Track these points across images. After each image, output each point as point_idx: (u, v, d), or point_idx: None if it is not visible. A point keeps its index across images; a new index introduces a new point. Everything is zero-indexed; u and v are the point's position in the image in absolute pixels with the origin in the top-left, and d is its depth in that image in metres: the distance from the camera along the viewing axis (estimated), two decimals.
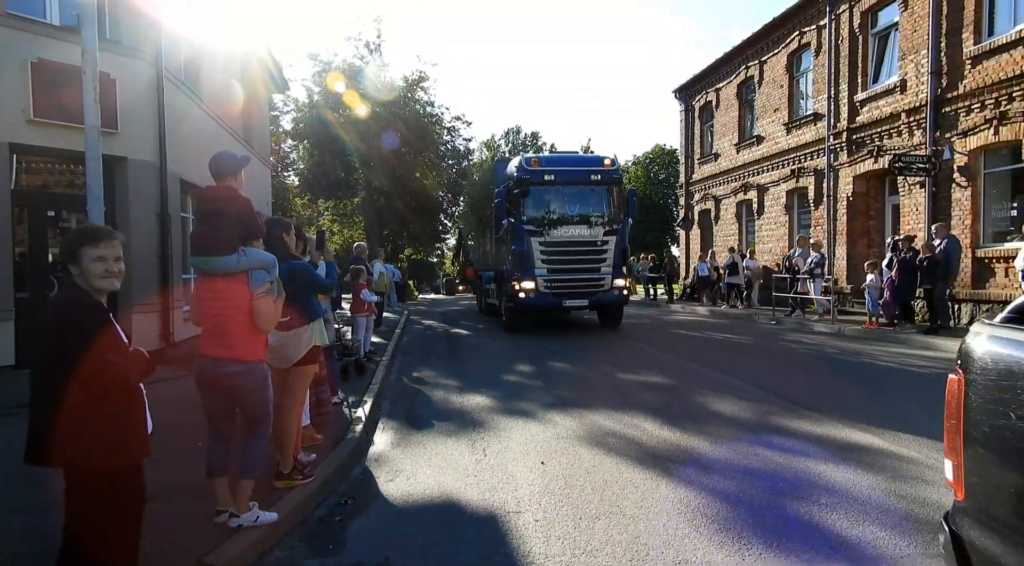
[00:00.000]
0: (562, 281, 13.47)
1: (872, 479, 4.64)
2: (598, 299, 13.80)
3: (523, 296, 13.37)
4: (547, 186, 13.64)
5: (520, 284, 13.30)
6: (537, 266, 13.33)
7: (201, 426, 5.36)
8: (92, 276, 2.65)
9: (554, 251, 13.42)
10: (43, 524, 3.84)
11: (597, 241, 13.62)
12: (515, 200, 13.62)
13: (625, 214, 14.03)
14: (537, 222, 13.39)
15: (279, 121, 30.70)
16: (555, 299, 13.50)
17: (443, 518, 4.20)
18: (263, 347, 3.95)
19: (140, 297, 9.56)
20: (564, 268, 13.49)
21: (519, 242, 13.46)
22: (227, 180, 3.86)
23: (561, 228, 13.46)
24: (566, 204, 13.74)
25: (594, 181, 13.83)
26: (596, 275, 13.68)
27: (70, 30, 7.83)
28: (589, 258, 13.62)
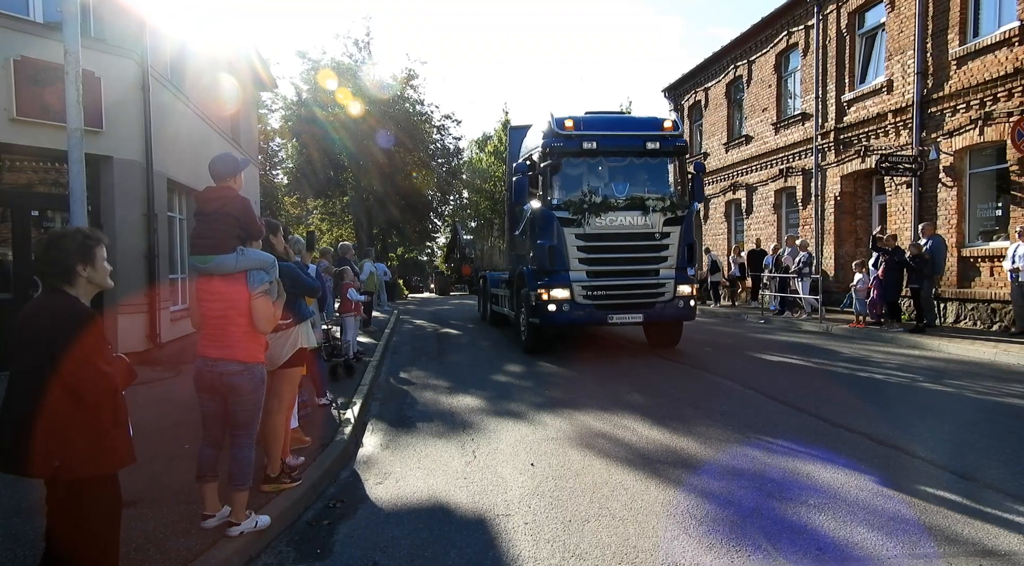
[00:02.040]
0: (608, 288, 9.94)
1: (860, 479, 4.67)
2: (657, 313, 10.16)
3: (553, 309, 9.77)
4: (586, 158, 10.13)
5: (549, 292, 9.76)
6: (573, 267, 9.83)
7: (188, 428, 5.34)
8: (104, 275, 2.74)
9: (596, 247, 9.92)
10: (21, 531, 3.80)
11: (655, 233, 10.04)
12: (541, 177, 10.18)
13: (691, 196, 10.64)
14: (572, 207, 9.83)
15: (267, 119, 30.51)
16: (597, 313, 9.93)
17: (432, 521, 4.18)
18: (262, 349, 3.93)
19: (126, 297, 9.46)
20: (610, 270, 10.01)
21: (547, 234, 9.97)
22: (227, 181, 3.87)
23: (606, 215, 9.87)
24: (612, 182, 10.26)
25: (651, 151, 10.24)
26: (654, 280, 10.06)
27: (53, 27, 7.74)
28: (644, 256, 10.09)
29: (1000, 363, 9.32)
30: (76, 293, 2.65)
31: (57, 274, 2.63)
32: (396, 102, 29.43)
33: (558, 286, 9.82)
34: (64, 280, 2.63)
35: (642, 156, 10.33)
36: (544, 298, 9.82)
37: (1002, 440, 5.65)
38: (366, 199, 31.05)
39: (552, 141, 10.06)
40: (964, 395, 7.37)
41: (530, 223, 10.69)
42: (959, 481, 4.64)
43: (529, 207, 10.63)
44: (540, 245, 10.06)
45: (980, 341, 10.62)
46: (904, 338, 11.60)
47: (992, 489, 4.45)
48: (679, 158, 10.57)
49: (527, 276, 10.56)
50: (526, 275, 10.64)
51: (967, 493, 4.41)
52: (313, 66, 28.65)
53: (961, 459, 5.12)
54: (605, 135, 10.17)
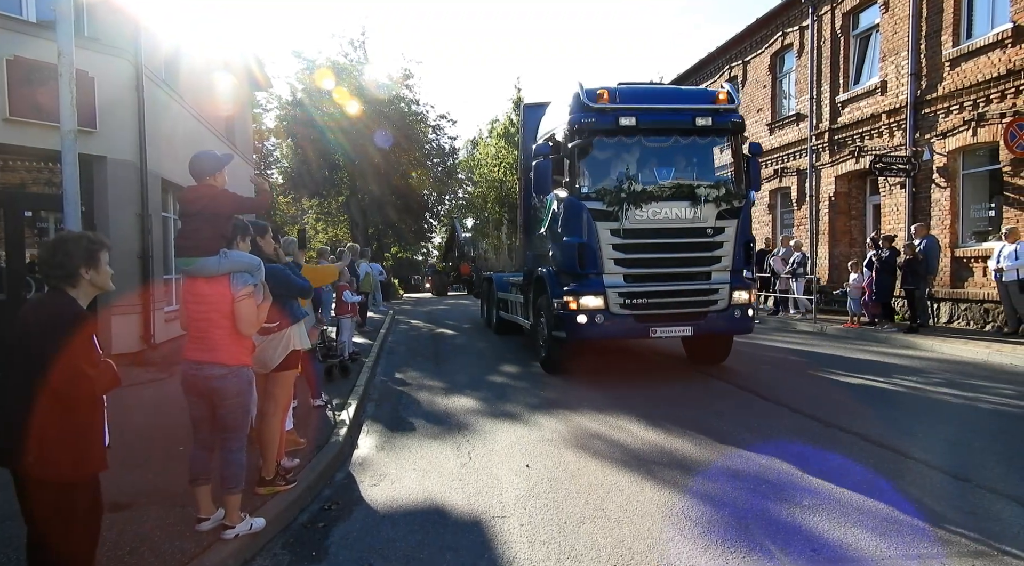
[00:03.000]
0: (650, 295, 8.24)
1: (854, 480, 4.68)
2: (709, 325, 8.48)
3: (583, 321, 8.09)
4: (623, 137, 8.45)
5: (578, 301, 8.11)
6: (607, 270, 8.17)
7: (182, 430, 5.32)
8: (105, 278, 2.83)
9: (636, 245, 8.23)
10: (13, 534, 3.78)
11: (707, 228, 8.33)
12: (568, 161, 8.47)
13: (747, 184, 8.80)
14: (607, 197, 8.10)
15: (262, 119, 30.44)
16: (637, 325, 8.24)
17: (428, 523, 4.18)
18: (249, 351, 3.91)
19: (120, 298, 9.42)
20: (653, 274, 8.33)
21: (575, 229, 8.30)
22: (206, 179, 3.84)
23: (648, 207, 8.13)
24: (654, 167, 8.65)
25: (701, 129, 8.52)
26: (705, 285, 8.41)
27: (47, 27, 7.70)
28: (694, 256, 8.41)
29: (993, 363, 9.37)
30: (77, 294, 2.74)
31: (61, 276, 2.71)
32: (391, 102, 29.38)
33: (589, 293, 8.12)
34: (67, 282, 2.71)
35: (689, 135, 8.57)
36: (572, 307, 8.14)
37: (996, 440, 5.68)
38: (361, 199, 31.01)
39: (582, 117, 8.29)
40: (958, 395, 7.41)
41: (553, 216, 8.99)
42: (953, 481, 4.67)
43: (552, 197, 8.93)
44: (567, 243, 8.37)
45: (973, 341, 10.67)
46: (898, 338, 11.65)
47: (986, 489, 4.47)
48: (734, 137, 8.83)
49: (549, 280, 8.86)
50: (547, 279, 8.93)
51: (961, 493, 4.44)
52: (308, 66, 28.58)
53: (955, 459, 5.14)
54: (646, 109, 8.38)
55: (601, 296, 8.14)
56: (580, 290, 8.18)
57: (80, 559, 2.74)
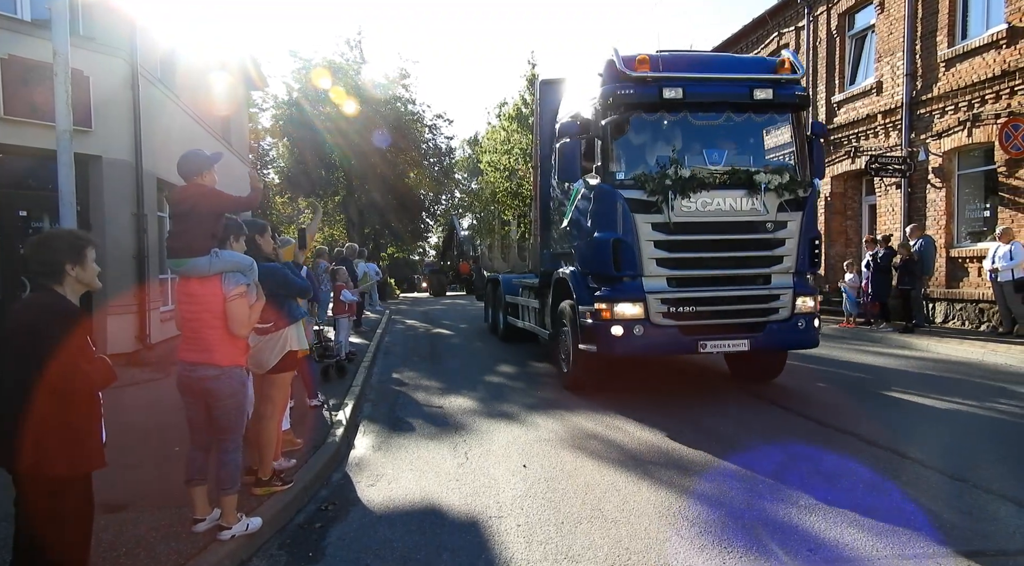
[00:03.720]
0: (699, 302, 7.03)
1: (850, 480, 4.70)
2: (768, 338, 7.14)
3: (618, 332, 6.83)
4: (666, 112, 7.16)
5: (613, 308, 6.88)
6: (648, 272, 6.92)
7: (178, 430, 5.30)
8: (92, 276, 2.81)
9: (683, 242, 6.98)
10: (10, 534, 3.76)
11: (767, 222, 7.08)
12: (600, 142, 7.18)
13: (811, 169, 7.47)
14: (649, 184, 6.84)
15: (259, 118, 30.38)
16: (683, 338, 6.93)
17: (424, 523, 4.18)
18: (242, 352, 3.90)
19: (116, 298, 9.39)
20: (703, 277, 7.08)
21: (608, 223, 7.05)
22: (195, 179, 3.82)
23: (697, 196, 6.87)
24: (703, 148, 7.27)
25: (760, 103, 7.16)
26: (765, 289, 7.15)
27: (42, 26, 7.66)
28: (752, 256, 7.13)
29: (988, 363, 9.40)
30: (64, 292, 2.72)
31: (47, 273, 2.69)
32: (388, 101, 29.36)
33: (626, 299, 6.86)
34: (53, 279, 2.69)
35: (745, 110, 7.22)
36: (605, 316, 6.88)
37: (992, 440, 5.71)
38: (358, 199, 30.98)
39: (618, 87, 6.99)
40: (953, 395, 7.43)
41: (580, 208, 7.70)
42: (949, 481, 4.68)
43: (580, 185, 7.58)
44: (598, 240, 7.08)
45: (968, 341, 10.71)
46: (893, 338, 11.68)
47: (982, 489, 4.49)
48: (797, 114, 7.49)
49: (574, 284, 7.60)
50: (573, 282, 7.66)
51: (957, 493, 4.45)
52: (305, 65, 28.54)
53: (951, 459, 5.16)
54: (695, 78, 7.06)
55: (640, 303, 6.86)
56: (615, 296, 6.92)
57: (73, 559, 2.73)
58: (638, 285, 6.95)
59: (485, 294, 15.41)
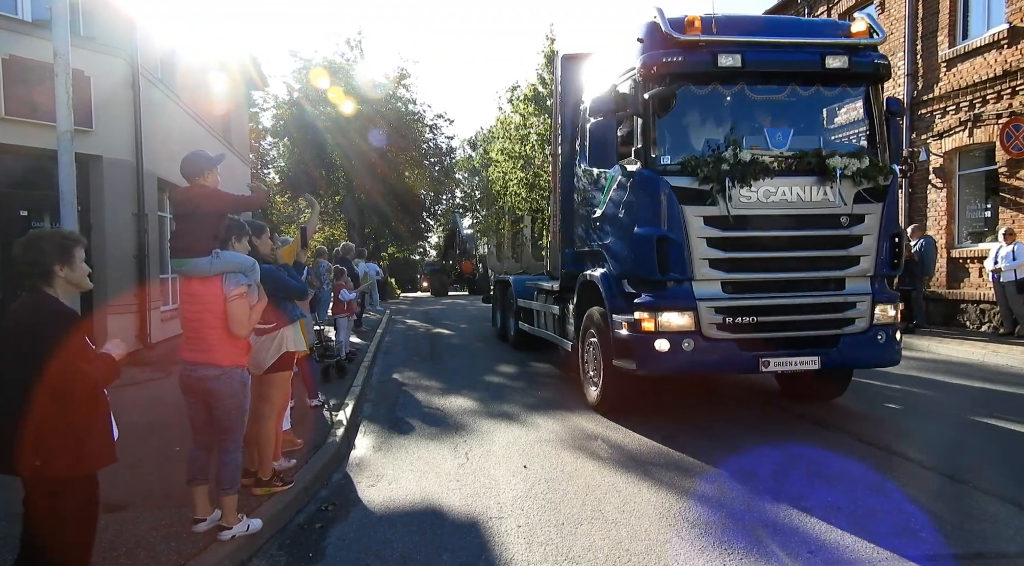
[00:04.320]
0: (761, 310, 5.99)
1: (849, 481, 4.69)
2: (843, 354, 6.09)
3: (663, 347, 5.81)
4: (721, 84, 6.19)
5: (656, 318, 5.87)
6: (699, 275, 5.90)
7: (178, 430, 5.31)
8: (82, 276, 2.77)
9: (742, 240, 6.00)
10: (12, 533, 3.76)
11: (841, 216, 6.03)
12: (640, 120, 6.10)
13: (891, 153, 6.45)
14: (702, 170, 5.83)
15: (259, 118, 30.38)
16: (742, 355, 5.91)
17: (425, 524, 4.18)
18: (244, 353, 3.91)
19: (116, 297, 9.40)
20: (765, 281, 6.07)
21: (650, 216, 6.04)
22: (197, 180, 3.84)
23: (759, 185, 5.86)
24: (763, 127, 6.25)
25: (832, 74, 6.14)
26: (839, 296, 6.13)
27: (42, 26, 7.66)
28: (823, 256, 6.12)
29: (989, 364, 9.40)
30: (55, 293, 2.69)
31: (35, 274, 2.67)
32: (388, 101, 29.35)
33: (673, 307, 5.84)
34: (43, 280, 2.67)
35: (813, 82, 6.23)
36: (647, 327, 5.85)
37: (992, 442, 5.71)
38: (358, 198, 30.96)
39: (663, 55, 5.93)
40: (953, 396, 7.43)
41: (615, 198, 6.60)
42: (949, 483, 4.68)
43: (616, 172, 6.48)
44: (639, 237, 6.04)
45: (969, 342, 10.70)
46: None
47: (981, 491, 4.49)
48: (875, 87, 6.41)
49: (607, 288, 6.58)
50: (604, 286, 6.62)
51: (957, 495, 4.45)
52: (305, 65, 28.53)
53: (951, 461, 5.15)
54: (756, 44, 6.02)
55: (690, 312, 5.80)
56: (659, 303, 5.89)
57: (76, 559, 2.73)
58: (687, 290, 5.89)
59: (493, 297, 14.34)
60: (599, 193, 7.03)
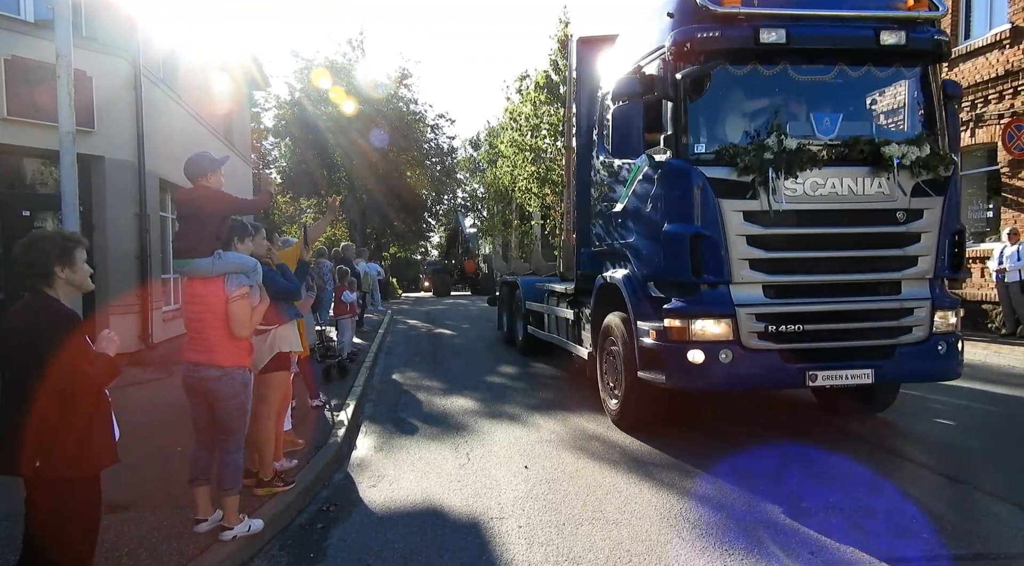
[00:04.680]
0: (807, 317, 5.38)
1: (851, 482, 4.69)
2: (899, 367, 5.49)
3: (698, 358, 5.25)
4: (761, 64, 5.50)
5: (690, 326, 5.32)
6: (739, 277, 5.32)
7: (180, 430, 5.33)
8: (83, 277, 2.76)
9: (787, 237, 5.41)
10: (12, 534, 3.78)
11: (897, 212, 5.43)
12: (670, 104, 5.53)
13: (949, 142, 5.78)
14: (743, 159, 5.24)
15: (260, 118, 30.42)
16: (787, 367, 5.32)
17: (426, 525, 4.19)
18: (246, 353, 3.91)
19: (118, 297, 9.41)
20: (811, 283, 5.48)
21: (682, 211, 5.45)
22: (199, 181, 3.86)
23: (805, 176, 5.28)
24: (808, 112, 5.64)
25: (886, 51, 5.45)
26: (894, 301, 5.52)
27: (44, 26, 7.67)
28: (877, 256, 5.51)
29: (991, 364, 9.39)
30: (56, 294, 2.69)
31: (36, 275, 2.67)
32: (390, 101, 29.37)
33: (709, 313, 5.26)
34: (43, 281, 2.67)
35: (864, 62, 5.54)
36: (678, 336, 5.29)
37: (994, 443, 5.70)
38: (360, 198, 30.98)
39: (698, 30, 5.33)
40: (955, 397, 7.42)
41: (641, 191, 5.96)
42: (951, 484, 4.68)
43: (643, 162, 5.82)
44: (670, 234, 5.42)
45: (971, 342, 10.65)
46: None
47: (983, 492, 4.49)
48: (933, 66, 5.72)
49: (630, 291, 5.99)
50: (627, 289, 6.04)
51: (959, 496, 4.45)
52: (307, 65, 28.56)
53: (953, 462, 5.15)
54: (802, 17, 5.36)
55: (728, 319, 5.22)
56: (693, 309, 5.30)
57: (78, 560, 2.74)
58: (724, 295, 5.29)
59: (499, 298, 13.59)
60: (621, 187, 6.41)
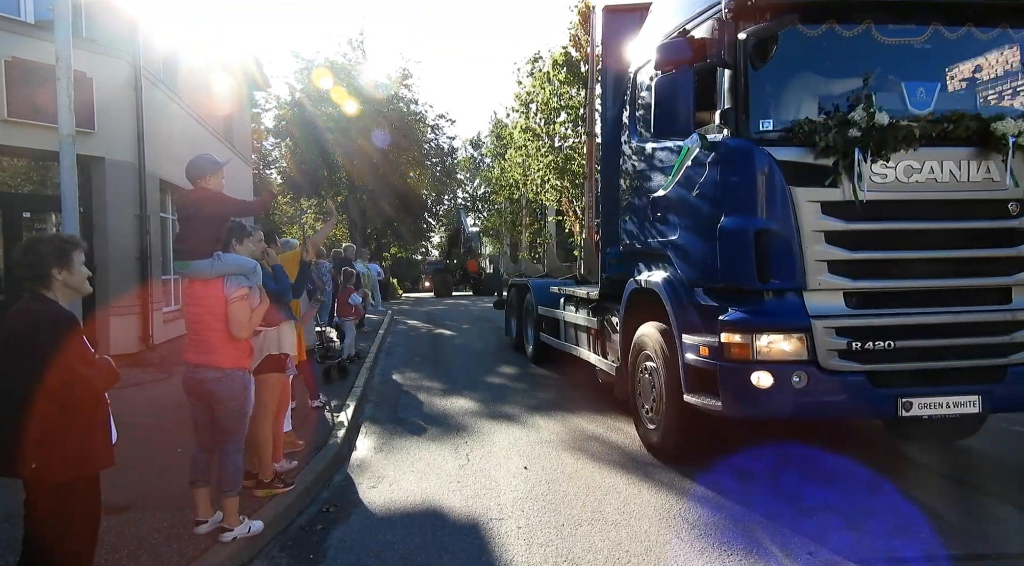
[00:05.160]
0: (901, 332, 4.35)
1: (852, 483, 4.70)
2: (1012, 391, 4.38)
3: (765, 382, 4.24)
4: (839, 23, 4.48)
5: (755, 342, 4.31)
6: (814, 282, 4.33)
7: (180, 431, 5.34)
8: (82, 278, 2.76)
9: (876, 234, 4.41)
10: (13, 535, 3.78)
11: (1007, 203, 4.38)
12: (728, 72, 4.59)
13: None
14: (819, 138, 4.27)
15: (261, 118, 30.44)
16: (874, 393, 4.27)
17: (425, 526, 4.19)
18: (246, 355, 3.92)
19: (118, 299, 9.42)
20: (903, 290, 4.45)
21: (743, 202, 4.52)
22: (199, 182, 3.88)
23: (899, 158, 4.29)
24: (897, 81, 4.55)
25: (995, 6, 4.70)
26: (1003, 311, 4.44)
27: (44, 28, 7.68)
28: (983, 258, 4.47)
29: None
30: (54, 297, 2.70)
31: (34, 278, 2.68)
32: (390, 101, 29.37)
33: (778, 326, 4.35)
34: (41, 284, 2.68)
35: (963, 20, 4.63)
36: (738, 354, 4.37)
37: (997, 444, 5.70)
38: (360, 199, 30.98)
39: None
40: None
41: (691, 179, 4.96)
42: (952, 484, 4.69)
43: (692, 144, 4.83)
44: (730, 231, 4.53)
45: None
46: None
47: (982, 492, 4.49)
48: None
49: (673, 298, 5.10)
50: (668, 295, 5.15)
51: (960, 496, 4.46)
52: (307, 66, 28.55)
53: (955, 463, 5.15)
54: None
55: (802, 334, 4.28)
56: (757, 321, 4.36)
57: (78, 561, 2.75)
58: (796, 304, 4.35)
59: (507, 302, 12.57)
60: (660, 175, 5.48)
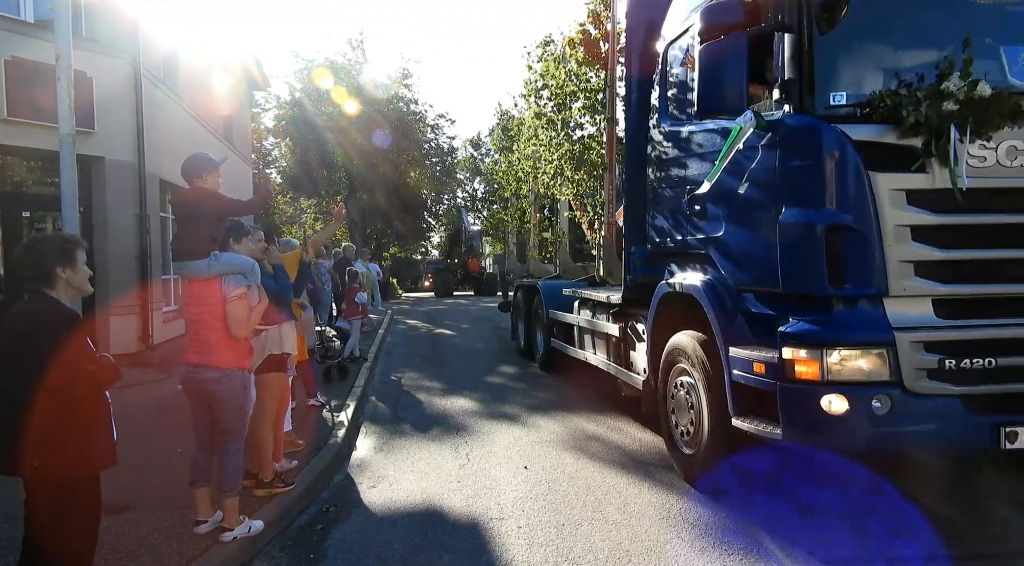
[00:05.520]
0: (1004, 347, 3.57)
1: (852, 483, 4.69)
2: None
3: (838, 407, 3.48)
4: None
5: (826, 359, 3.52)
6: (897, 287, 3.58)
7: (180, 431, 5.33)
8: (83, 279, 2.77)
9: (972, 228, 3.64)
10: (13, 535, 3.78)
11: None
12: (795, 38, 3.78)
13: None
14: (906, 114, 3.48)
15: (261, 118, 30.43)
16: (973, 420, 3.50)
17: (426, 525, 4.19)
18: (246, 354, 3.92)
19: (118, 298, 9.42)
20: (1006, 297, 3.66)
21: (810, 191, 3.72)
22: (196, 182, 3.86)
23: (1000, 139, 3.54)
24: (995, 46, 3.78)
25: None
26: None
27: (45, 27, 7.68)
28: None
29: None
30: (57, 296, 2.70)
31: (36, 277, 2.68)
32: (390, 101, 29.36)
33: (853, 341, 3.62)
34: (44, 283, 2.68)
35: None
36: (803, 374, 3.64)
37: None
38: (360, 198, 30.97)
39: None
40: None
41: (741, 165, 4.17)
42: (953, 485, 4.68)
43: (746, 123, 3.96)
44: (792, 225, 3.80)
45: None
46: None
47: (982, 492, 4.49)
48: None
49: (715, 304, 4.41)
50: (710, 301, 4.45)
51: (961, 496, 4.45)
52: (307, 65, 28.55)
53: (956, 463, 5.15)
54: None
55: (884, 349, 3.58)
56: (827, 334, 3.63)
57: (78, 561, 2.75)
58: (876, 314, 3.66)
59: (513, 305, 11.87)
60: (699, 162, 4.73)
